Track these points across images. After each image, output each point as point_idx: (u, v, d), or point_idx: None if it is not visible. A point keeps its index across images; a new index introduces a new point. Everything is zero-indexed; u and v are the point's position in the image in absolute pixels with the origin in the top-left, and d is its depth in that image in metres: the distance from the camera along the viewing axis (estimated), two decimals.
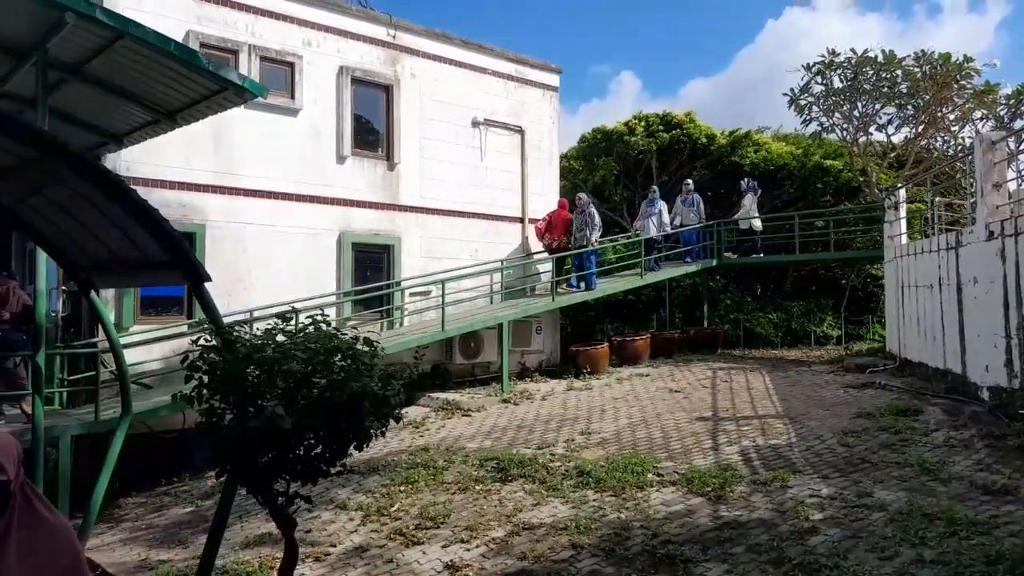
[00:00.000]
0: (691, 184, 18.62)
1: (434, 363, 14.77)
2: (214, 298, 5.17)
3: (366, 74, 14.19)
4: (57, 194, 5.26)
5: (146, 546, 8.50)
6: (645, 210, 17.73)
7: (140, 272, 5.48)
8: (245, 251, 12.58)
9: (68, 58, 7.52)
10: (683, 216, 18.09)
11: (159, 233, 4.72)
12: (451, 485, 8.84)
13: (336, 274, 13.63)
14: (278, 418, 4.14)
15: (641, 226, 17.50)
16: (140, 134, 9.48)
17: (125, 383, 6.74)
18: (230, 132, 12.44)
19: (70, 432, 9.50)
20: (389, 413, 4.64)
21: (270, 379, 4.43)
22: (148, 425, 10.47)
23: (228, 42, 12.36)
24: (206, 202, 12.21)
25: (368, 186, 14.17)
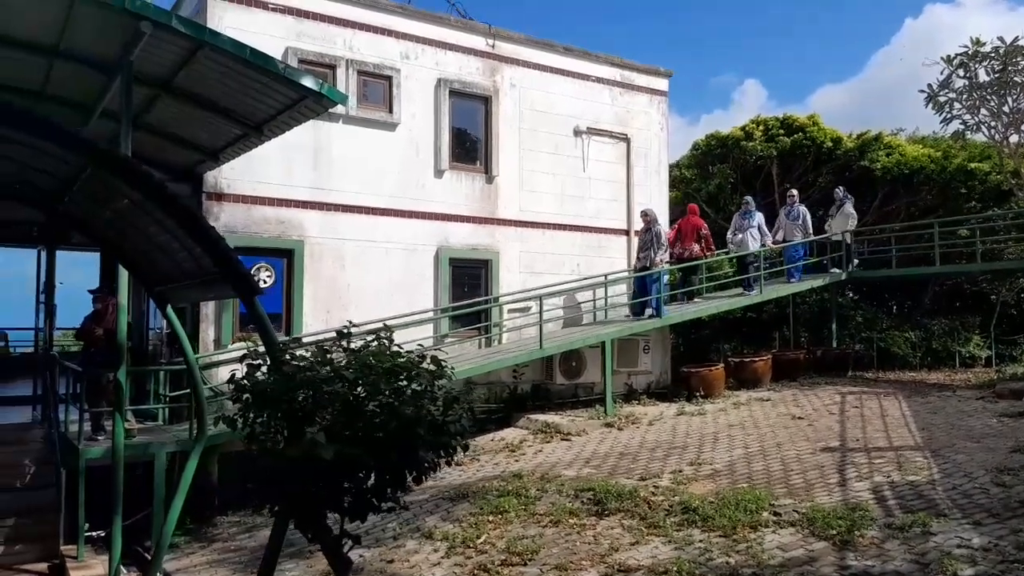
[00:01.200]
0: (796, 195, 17.03)
1: (534, 383, 14.15)
2: (312, 314, 4.77)
3: (464, 86, 13.87)
4: (119, 206, 5.04)
5: (230, 570, 8.28)
6: (739, 223, 16.13)
7: (204, 286, 5.18)
8: (343, 267, 12.44)
9: (156, 72, 7.49)
10: (786, 231, 16.44)
11: (208, 244, 4.37)
12: (543, 517, 8.17)
13: (433, 290, 13.30)
14: (318, 446, 3.64)
15: (739, 240, 16.00)
16: (233, 149, 9.46)
17: (200, 404, 6.51)
18: (328, 148, 12.38)
19: (165, 450, 9.50)
20: (447, 442, 4.05)
21: (317, 402, 3.94)
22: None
23: (326, 57, 12.33)
24: (304, 218, 12.16)
25: (466, 200, 13.80)
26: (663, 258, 14.17)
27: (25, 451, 9.96)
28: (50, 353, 11.17)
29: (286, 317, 12.04)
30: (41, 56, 7.25)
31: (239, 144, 9.19)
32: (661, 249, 14.14)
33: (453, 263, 13.56)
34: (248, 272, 4.44)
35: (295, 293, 12.02)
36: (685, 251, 15.52)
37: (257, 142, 8.94)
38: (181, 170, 11.13)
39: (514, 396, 13.75)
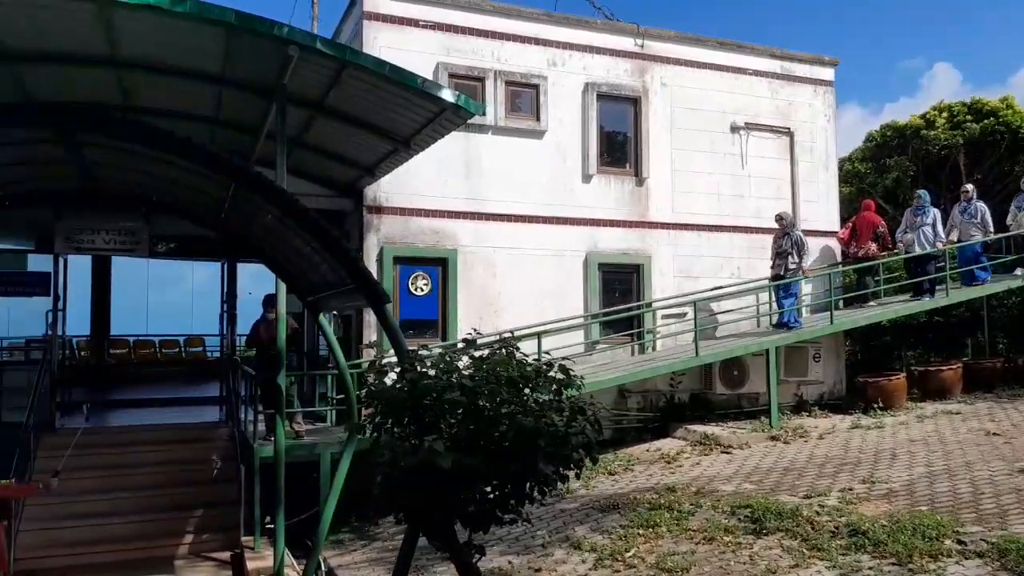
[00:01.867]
0: (971, 191, 14.92)
1: (692, 392, 13.60)
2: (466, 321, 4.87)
3: (612, 88, 13.65)
4: (266, 221, 5.35)
5: (387, 569, 8.56)
6: (911, 220, 14.40)
7: (345, 296, 5.38)
8: (495, 275, 12.61)
9: (309, 94, 7.94)
10: (962, 230, 14.45)
11: (341, 256, 4.51)
12: (696, 533, 7.78)
13: (583, 296, 13.16)
14: (436, 455, 3.62)
15: (909, 240, 14.28)
16: (386, 164, 9.86)
17: (351, 405, 6.77)
18: (478, 159, 12.62)
19: (329, 450, 10.02)
20: (570, 455, 3.90)
21: (439, 411, 3.94)
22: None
23: (475, 70, 12.58)
24: (457, 228, 12.45)
25: (615, 204, 13.55)
26: (802, 266, 13.07)
27: (212, 448, 10.89)
28: (233, 358, 12.15)
29: (442, 323, 12.37)
30: (211, 84, 7.90)
31: (391, 159, 9.56)
32: (800, 256, 13.05)
33: (603, 268, 13.35)
34: (377, 282, 4.54)
35: (450, 300, 12.33)
36: (860, 250, 14.33)
37: (406, 156, 9.25)
38: (344, 186, 11.77)
39: (671, 405, 13.29)
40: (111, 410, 13.25)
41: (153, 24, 6.62)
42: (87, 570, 8.81)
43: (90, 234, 10.33)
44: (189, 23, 6.36)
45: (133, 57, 7.46)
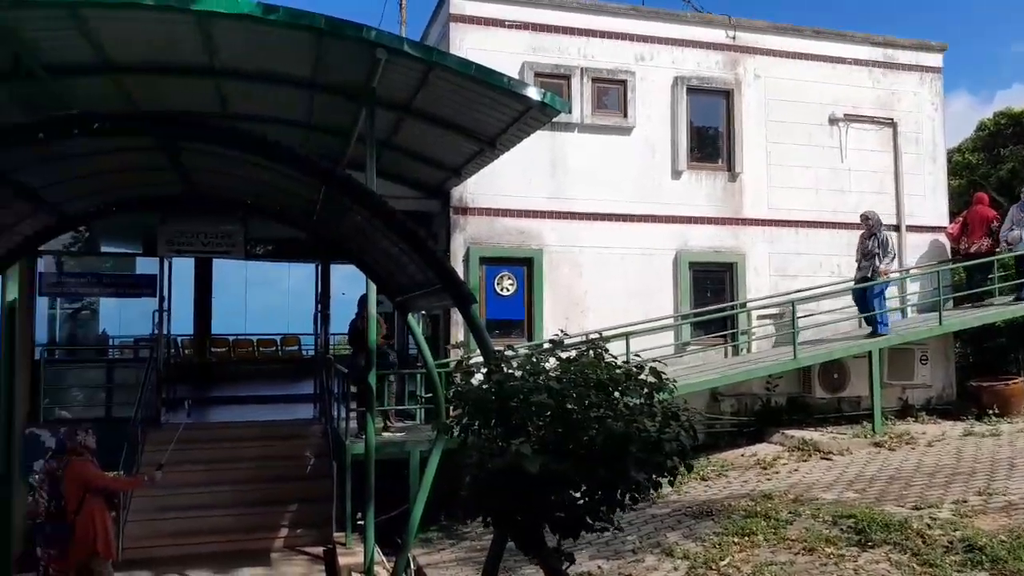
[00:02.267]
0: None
1: (790, 395, 13.06)
2: (552, 321, 4.82)
3: (703, 81, 13.27)
4: (355, 222, 5.40)
5: (475, 569, 8.56)
6: (1017, 216, 13.34)
7: (432, 296, 5.38)
8: (581, 274, 12.46)
9: (397, 96, 8.01)
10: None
11: (427, 256, 4.50)
12: (795, 543, 7.44)
13: (673, 296, 12.83)
14: (523, 459, 3.53)
15: (1014, 237, 13.20)
16: (472, 164, 9.86)
17: (439, 405, 6.78)
18: (564, 157, 12.49)
19: (418, 449, 10.10)
20: (662, 461, 3.74)
21: (526, 413, 3.85)
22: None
23: (561, 68, 12.46)
24: (542, 227, 12.37)
25: (707, 200, 13.16)
26: (888, 266, 12.24)
27: (306, 444, 11.18)
28: (326, 356, 12.45)
29: (527, 324, 12.31)
30: (303, 90, 8.09)
31: (477, 159, 9.56)
32: (887, 258, 12.20)
33: (693, 267, 12.99)
34: (463, 283, 4.50)
35: (535, 300, 12.26)
36: (972, 246, 13.44)
37: (492, 156, 9.22)
38: (431, 187, 11.88)
39: (767, 409, 12.80)
40: (212, 406, 13.80)
41: (248, 32, 6.81)
42: (189, 560, 9.17)
43: (190, 237, 10.79)
44: (281, 30, 6.51)
45: (230, 66, 7.71)
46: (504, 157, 9.80)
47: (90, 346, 13.20)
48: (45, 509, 7.27)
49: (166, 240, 10.89)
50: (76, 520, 6.95)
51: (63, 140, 3.85)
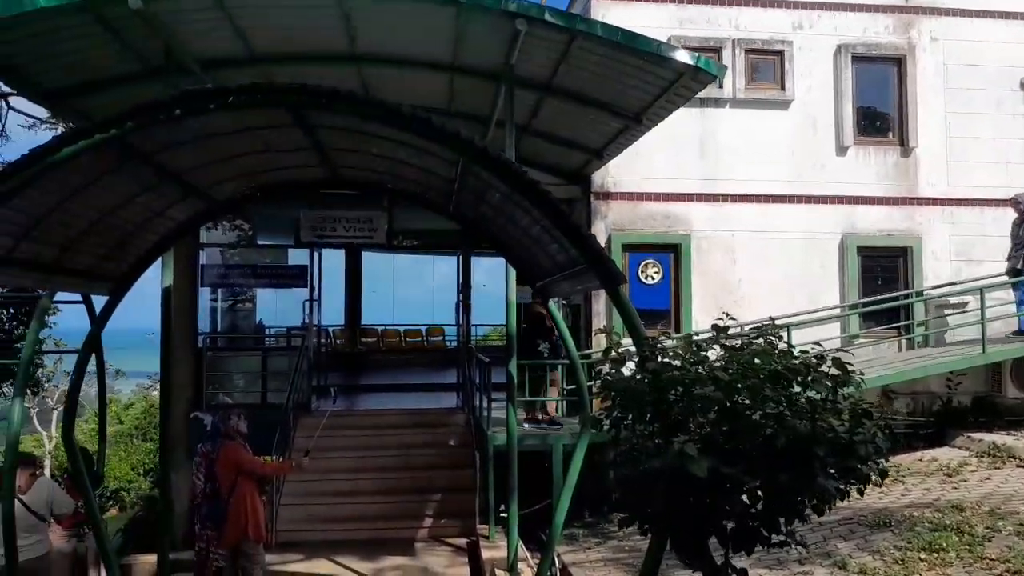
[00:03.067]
0: None
1: (976, 394, 11.62)
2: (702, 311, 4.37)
3: (870, 48, 12.03)
4: (494, 200, 5.08)
5: (623, 571, 8.11)
6: None
7: (574, 278, 4.97)
8: (733, 261, 11.64)
9: (536, 73, 7.65)
10: None
11: (571, 232, 4.09)
12: (995, 563, 6.47)
13: (839, 284, 11.73)
14: (687, 459, 3.05)
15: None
16: (615, 145, 9.35)
17: (583, 397, 6.38)
18: (714, 136, 11.72)
19: (562, 442, 9.76)
20: (854, 467, 3.13)
21: (688, 407, 3.36)
22: None
23: (710, 40, 11.67)
24: (691, 211, 11.65)
25: (876, 178, 11.93)
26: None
27: (450, 433, 11.11)
28: (468, 345, 12.36)
29: (675, 314, 11.66)
30: (442, 72, 7.90)
31: (620, 138, 9.04)
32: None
33: (862, 252, 11.83)
34: (611, 260, 4.05)
35: (683, 289, 11.58)
36: None
37: (637, 134, 8.68)
38: (572, 172, 11.46)
39: (947, 409, 11.45)
40: (361, 394, 14.10)
41: (387, 13, 6.68)
42: (337, 546, 9.27)
43: (332, 223, 10.92)
44: (420, 6, 6.33)
45: (370, 50, 7.65)
46: (648, 137, 9.23)
47: (247, 335, 13.80)
48: (201, 491, 7.51)
49: (309, 226, 11.05)
50: (229, 503, 7.11)
51: (199, 116, 3.74)
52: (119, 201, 4.80)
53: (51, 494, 6.52)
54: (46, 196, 4.11)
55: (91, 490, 5.93)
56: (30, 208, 4.07)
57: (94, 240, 5.01)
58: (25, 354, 6.38)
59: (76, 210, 4.53)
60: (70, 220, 4.59)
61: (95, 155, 4.02)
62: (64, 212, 4.41)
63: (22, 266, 4.38)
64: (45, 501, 6.46)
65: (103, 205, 4.74)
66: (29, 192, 3.89)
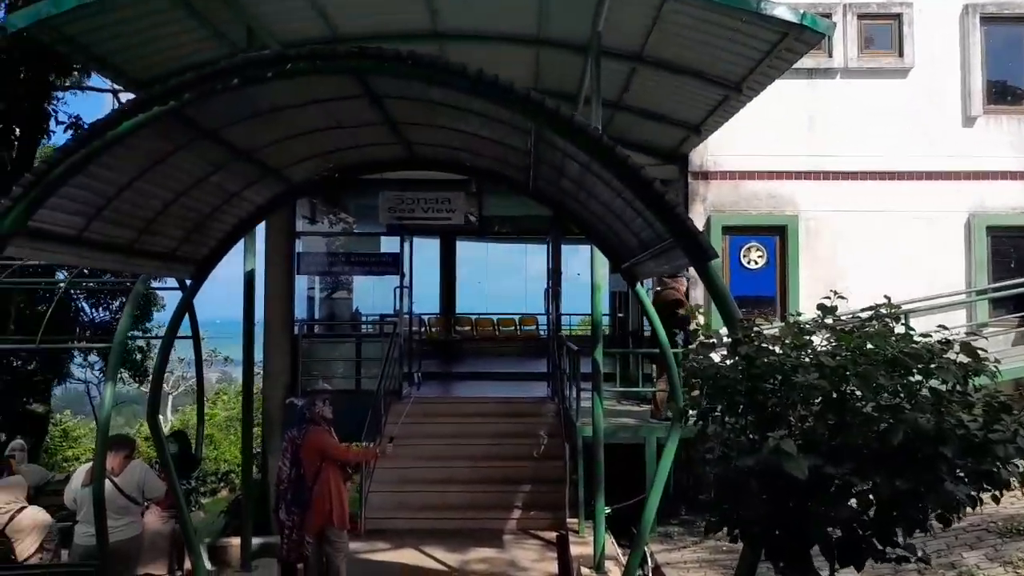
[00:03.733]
0: None
1: None
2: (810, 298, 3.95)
3: (1002, 7, 10.87)
4: (572, 171, 4.72)
5: (720, 573, 7.62)
6: None
7: (660, 256, 4.55)
8: (845, 243, 10.80)
9: (626, 42, 7.22)
10: None
11: (657, 204, 3.69)
12: None
13: (965, 267, 10.69)
14: (784, 457, 2.62)
15: None
16: (714, 118, 8.76)
17: (675, 390, 5.95)
18: (823, 108, 10.90)
19: (655, 435, 9.31)
20: (989, 471, 2.61)
21: (786, 398, 2.93)
22: None
23: (818, 6, 10.78)
24: (797, 190, 10.88)
25: (1012, 150, 10.78)
26: None
27: (540, 423, 10.82)
28: (557, 335, 12.04)
29: (780, 300, 10.95)
30: (528, 47, 7.58)
31: (719, 111, 8.46)
32: None
33: (992, 232, 10.76)
34: (700, 233, 3.62)
35: (789, 274, 10.84)
36: None
37: (738, 105, 8.08)
38: (667, 151, 10.90)
39: None
40: (453, 382, 14.04)
41: None
42: (425, 535, 9.16)
43: (410, 204, 10.73)
44: None
45: (453, 27, 7.41)
46: (751, 112, 8.62)
47: (341, 322, 13.96)
48: (287, 476, 7.51)
49: (387, 208, 10.89)
50: (313, 489, 7.06)
51: (258, 84, 3.57)
52: (191, 181, 4.73)
53: (143, 477, 6.63)
54: (114, 174, 4.06)
55: (174, 472, 5.94)
56: (97, 186, 4.03)
57: (172, 222, 4.98)
58: (117, 339, 6.50)
59: (149, 190, 4.48)
60: (144, 201, 4.55)
61: (159, 130, 3.93)
62: (136, 192, 4.36)
63: (95, 247, 4.37)
64: (136, 484, 6.57)
65: (176, 185, 4.69)
66: (94, 169, 3.83)
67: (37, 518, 6.56)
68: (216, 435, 24.60)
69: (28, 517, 6.49)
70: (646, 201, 3.64)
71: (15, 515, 6.44)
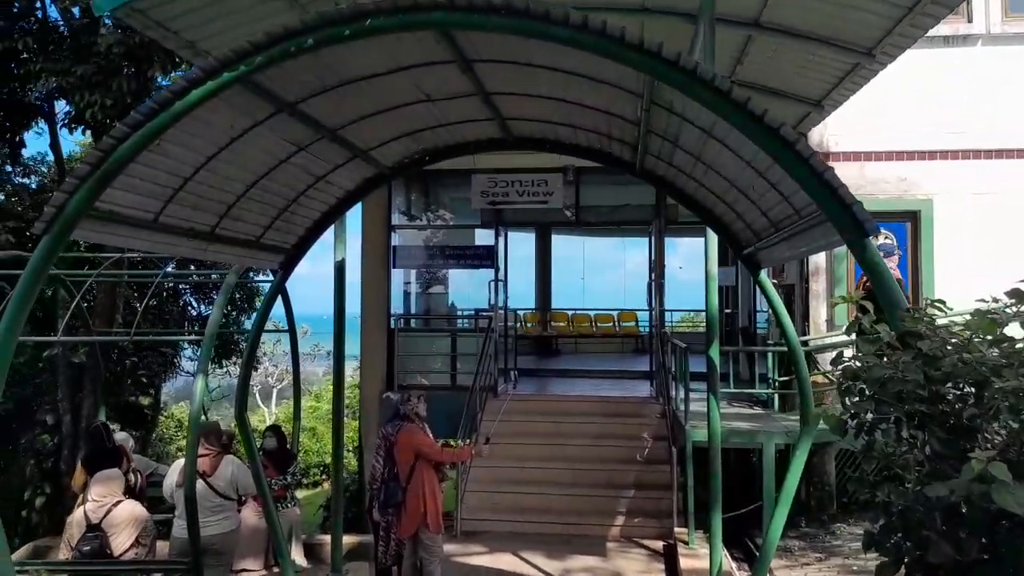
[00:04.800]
0: None
1: None
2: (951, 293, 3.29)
3: None
4: (689, 140, 4.12)
5: None
6: None
7: (796, 236, 3.90)
8: (992, 229, 9.63)
9: (743, 6, 6.51)
10: None
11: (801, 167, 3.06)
12: None
13: None
14: (996, 486, 1.98)
15: None
16: (839, 91, 7.90)
17: (804, 391, 5.24)
18: (962, 80, 9.77)
19: (773, 440, 8.55)
20: None
21: (985, 407, 2.27)
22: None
23: None
24: (934, 171, 9.79)
25: None
26: None
27: (644, 425, 10.23)
28: (661, 331, 11.36)
29: (912, 294, 9.89)
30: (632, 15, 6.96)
31: (847, 82, 7.59)
32: None
33: None
34: (857, 203, 2.97)
35: (923, 266, 9.79)
36: None
37: (868, 74, 7.21)
38: None
39: None
40: (549, 379, 13.58)
41: None
42: (523, 539, 8.73)
43: (504, 186, 10.20)
44: None
45: None
46: (878, 86, 7.76)
47: (437, 316, 13.73)
48: (381, 474, 7.23)
49: (480, 191, 10.42)
50: (407, 489, 6.74)
51: (335, 44, 3.17)
52: (273, 162, 4.42)
53: (236, 475, 6.48)
54: (188, 152, 3.77)
55: (260, 467, 5.72)
56: (171, 164, 3.74)
57: (255, 207, 4.69)
58: (209, 331, 6.36)
59: (228, 171, 4.18)
60: (223, 183, 4.26)
61: (233, 102, 3.60)
62: (214, 173, 4.07)
63: (172, 232, 4.10)
64: (230, 481, 6.43)
65: (257, 166, 4.38)
66: (165, 145, 3.54)
67: (134, 512, 6.50)
68: (319, 428, 25.06)
69: (124, 511, 6.43)
70: (788, 165, 3.02)
71: (111, 509, 6.39)
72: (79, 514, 6.50)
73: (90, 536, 6.33)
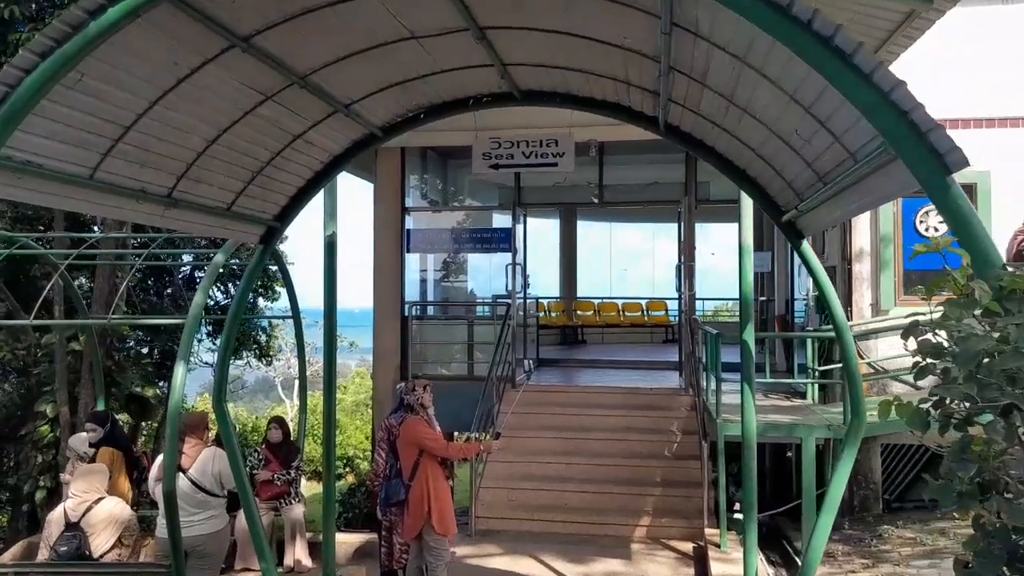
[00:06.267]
0: None
1: None
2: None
3: None
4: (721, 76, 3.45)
5: None
6: None
7: (848, 188, 3.20)
8: None
9: None
10: None
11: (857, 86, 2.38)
12: None
13: None
14: None
15: None
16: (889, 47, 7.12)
17: (854, 382, 4.56)
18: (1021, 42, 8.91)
19: (813, 435, 7.83)
20: None
21: None
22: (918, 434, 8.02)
23: None
24: (992, 139, 8.93)
25: None
26: None
27: (671, 418, 9.60)
28: (692, 318, 10.65)
29: None
30: None
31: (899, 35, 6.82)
32: None
33: None
34: (937, 127, 2.29)
35: None
36: None
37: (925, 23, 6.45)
38: None
39: None
40: (573, 369, 12.96)
41: None
42: (541, 539, 8.14)
43: (508, 147, 9.23)
44: None
45: None
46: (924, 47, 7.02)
47: (452, 303, 13.14)
48: (384, 468, 6.68)
49: (481, 154, 9.31)
50: (410, 486, 6.17)
51: None
52: (236, 112, 3.83)
53: (219, 467, 5.95)
54: (123, 92, 3.19)
55: (240, 459, 5.16)
56: (103, 109, 3.16)
57: (220, 167, 4.11)
58: (192, 313, 5.83)
59: (178, 122, 3.60)
60: (175, 136, 3.68)
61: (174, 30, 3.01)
62: (161, 122, 3.49)
63: (117, 192, 3.52)
64: (212, 475, 5.89)
65: (216, 118, 3.80)
66: (91, 82, 2.96)
67: (114, 512, 6.01)
68: (343, 419, 24.73)
69: (104, 510, 5.94)
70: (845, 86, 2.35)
71: (91, 507, 5.91)
72: (59, 511, 6.06)
73: (68, 536, 5.86)
